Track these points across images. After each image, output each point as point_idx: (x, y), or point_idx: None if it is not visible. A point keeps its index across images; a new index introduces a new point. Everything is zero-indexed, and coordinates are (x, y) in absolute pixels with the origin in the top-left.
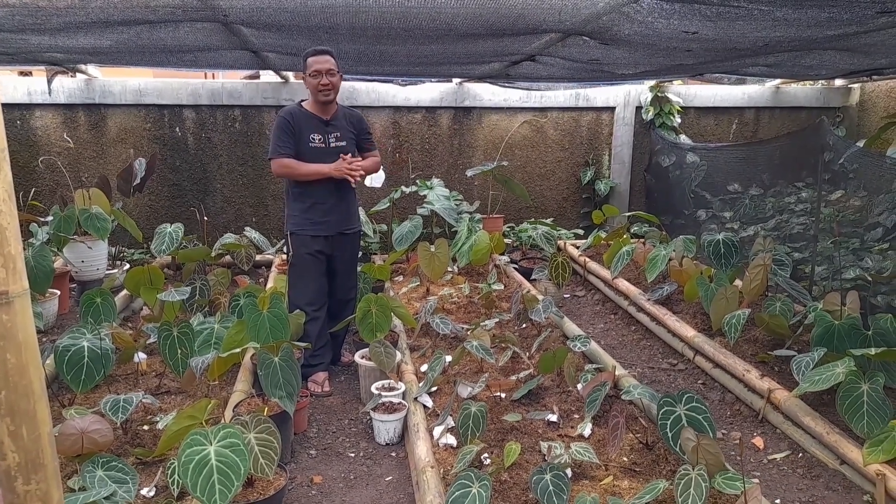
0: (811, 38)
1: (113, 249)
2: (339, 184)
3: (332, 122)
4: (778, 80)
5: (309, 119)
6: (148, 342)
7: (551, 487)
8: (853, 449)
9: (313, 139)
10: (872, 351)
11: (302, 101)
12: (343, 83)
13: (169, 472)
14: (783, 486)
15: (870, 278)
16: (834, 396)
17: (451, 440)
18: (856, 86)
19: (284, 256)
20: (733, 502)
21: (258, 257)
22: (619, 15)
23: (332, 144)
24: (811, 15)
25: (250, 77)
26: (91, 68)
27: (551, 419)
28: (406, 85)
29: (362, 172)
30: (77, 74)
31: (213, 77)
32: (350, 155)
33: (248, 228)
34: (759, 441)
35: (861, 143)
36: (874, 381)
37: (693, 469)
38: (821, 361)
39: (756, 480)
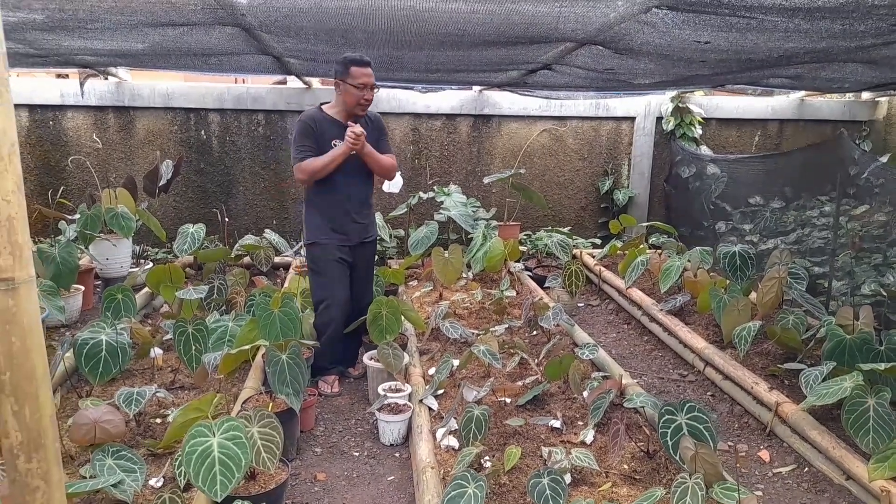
0: (827, 49)
1: (137, 248)
2: (361, 192)
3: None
4: (802, 93)
5: (331, 124)
6: (165, 338)
7: (548, 492)
8: (859, 464)
9: (335, 144)
10: (882, 366)
11: (322, 104)
12: None
13: (176, 463)
14: (787, 499)
15: (884, 293)
16: (841, 412)
17: (453, 442)
18: (883, 99)
19: (303, 258)
20: None
21: (276, 259)
22: (631, 24)
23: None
24: (824, 26)
25: (278, 83)
26: (122, 71)
27: (555, 425)
28: (426, 92)
29: (362, 139)
30: (108, 77)
31: (242, 82)
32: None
33: (267, 230)
34: (765, 454)
35: (885, 158)
36: (881, 396)
37: (690, 478)
38: (830, 375)
39: (759, 493)
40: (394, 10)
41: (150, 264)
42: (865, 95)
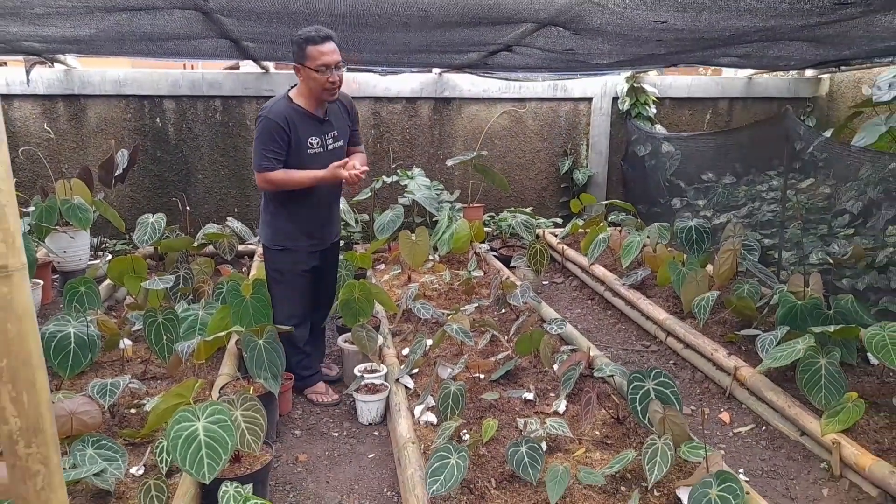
0: (775, 27)
1: (95, 240)
2: (332, 193)
3: (328, 118)
4: (751, 71)
5: (305, 120)
6: (133, 329)
7: (526, 459)
8: (812, 420)
9: (311, 144)
10: (832, 328)
11: (289, 91)
12: None
13: (157, 450)
14: (747, 456)
15: (831, 262)
16: (795, 372)
17: (431, 418)
18: (825, 76)
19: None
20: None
21: (240, 247)
22: (590, 5)
23: (330, 147)
24: (772, 4)
25: (230, 67)
26: (70, 58)
27: (528, 397)
28: (386, 74)
29: (362, 175)
30: (55, 65)
31: (192, 67)
32: (342, 143)
33: (230, 219)
34: (725, 416)
35: (829, 133)
36: (831, 357)
37: (660, 439)
38: (783, 339)
39: (721, 451)
40: None
41: (110, 256)
42: (809, 73)
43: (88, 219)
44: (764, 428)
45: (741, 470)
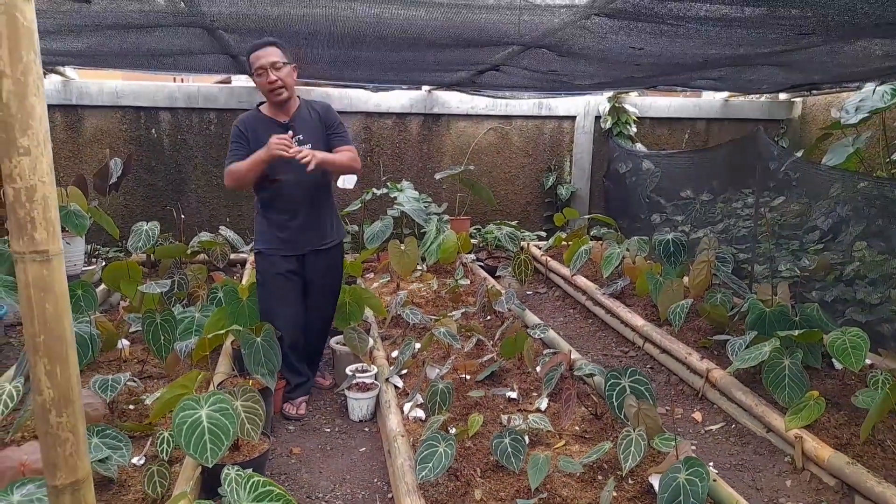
0: (745, 55)
1: (88, 247)
2: (312, 194)
3: (293, 122)
4: (727, 94)
5: (266, 124)
6: (130, 331)
7: (510, 449)
8: (777, 418)
9: None
10: (796, 332)
11: (261, 103)
12: (317, 88)
13: (158, 441)
14: (717, 452)
15: (799, 275)
16: (762, 373)
17: (419, 414)
18: (798, 100)
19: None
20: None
21: (233, 255)
22: (573, 29)
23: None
24: (740, 34)
25: (222, 82)
26: (68, 70)
27: (512, 396)
28: (377, 90)
29: (309, 158)
30: (52, 76)
31: (181, 80)
32: (309, 146)
33: (223, 227)
34: (698, 415)
35: (800, 153)
36: (795, 357)
37: (634, 431)
38: (752, 343)
39: (693, 448)
40: (358, 16)
41: (104, 263)
42: (783, 96)
43: (84, 225)
44: (733, 426)
45: (711, 463)
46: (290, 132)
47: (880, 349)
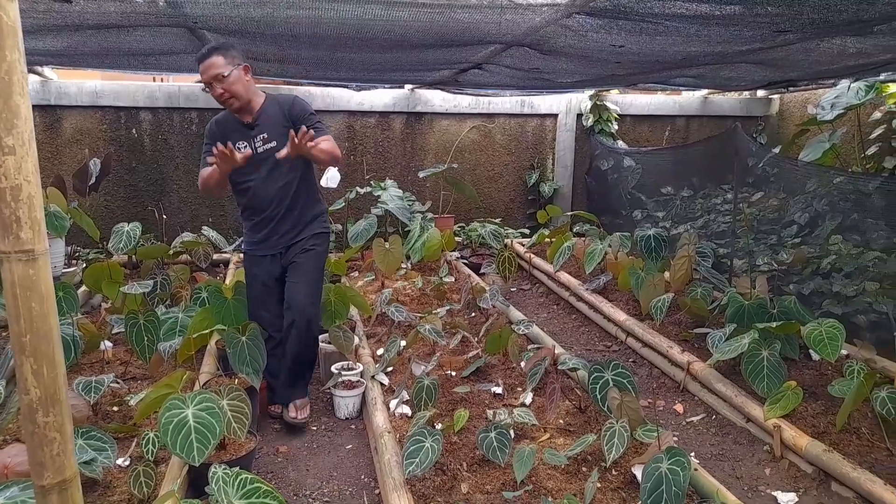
0: (723, 52)
1: (68, 248)
2: (284, 193)
3: (257, 122)
4: (706, 91)
5: (233, 126)
6: (112, 332)
7: (495, 443)
8: (756, 408)
9: (239, 148)
10: (774, 324)
11: None
12: (299, 88)
13: (143, 442)
14: (698, 442)
15: (775, 265)
16: (741, 364)
17: (406, 410)
18: (775, 97)
19: (241, 254)
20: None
21: (215, 256)
22: (554, 28)
23: (261, 149)
24: (718, 32)
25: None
26: (47, 70)
27: (497, 391)
28: (360, 90)
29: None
30: (31, 76)
31: (161, 80)
32: (274, 144)
33: (205, 227)
34: (679, 407)
35: (777, 149)
36: (773, 349)
37: (617, 423)
38: (731, 335)
39: (675, 439)
40: (341, 18)
41: (84, 265)
42: (761, 93)
43: (64, 227)
44: (714, 417)
45: (692, 453)
46: (229, 143)
47: (856, 340)
